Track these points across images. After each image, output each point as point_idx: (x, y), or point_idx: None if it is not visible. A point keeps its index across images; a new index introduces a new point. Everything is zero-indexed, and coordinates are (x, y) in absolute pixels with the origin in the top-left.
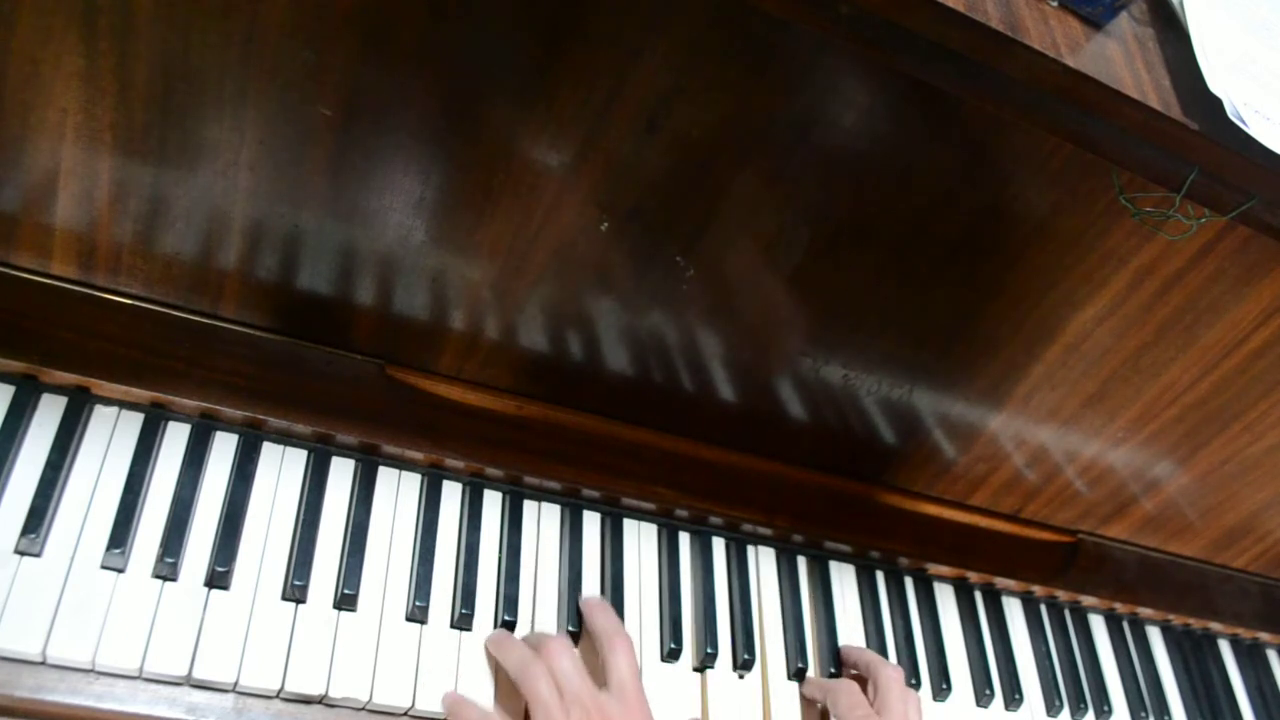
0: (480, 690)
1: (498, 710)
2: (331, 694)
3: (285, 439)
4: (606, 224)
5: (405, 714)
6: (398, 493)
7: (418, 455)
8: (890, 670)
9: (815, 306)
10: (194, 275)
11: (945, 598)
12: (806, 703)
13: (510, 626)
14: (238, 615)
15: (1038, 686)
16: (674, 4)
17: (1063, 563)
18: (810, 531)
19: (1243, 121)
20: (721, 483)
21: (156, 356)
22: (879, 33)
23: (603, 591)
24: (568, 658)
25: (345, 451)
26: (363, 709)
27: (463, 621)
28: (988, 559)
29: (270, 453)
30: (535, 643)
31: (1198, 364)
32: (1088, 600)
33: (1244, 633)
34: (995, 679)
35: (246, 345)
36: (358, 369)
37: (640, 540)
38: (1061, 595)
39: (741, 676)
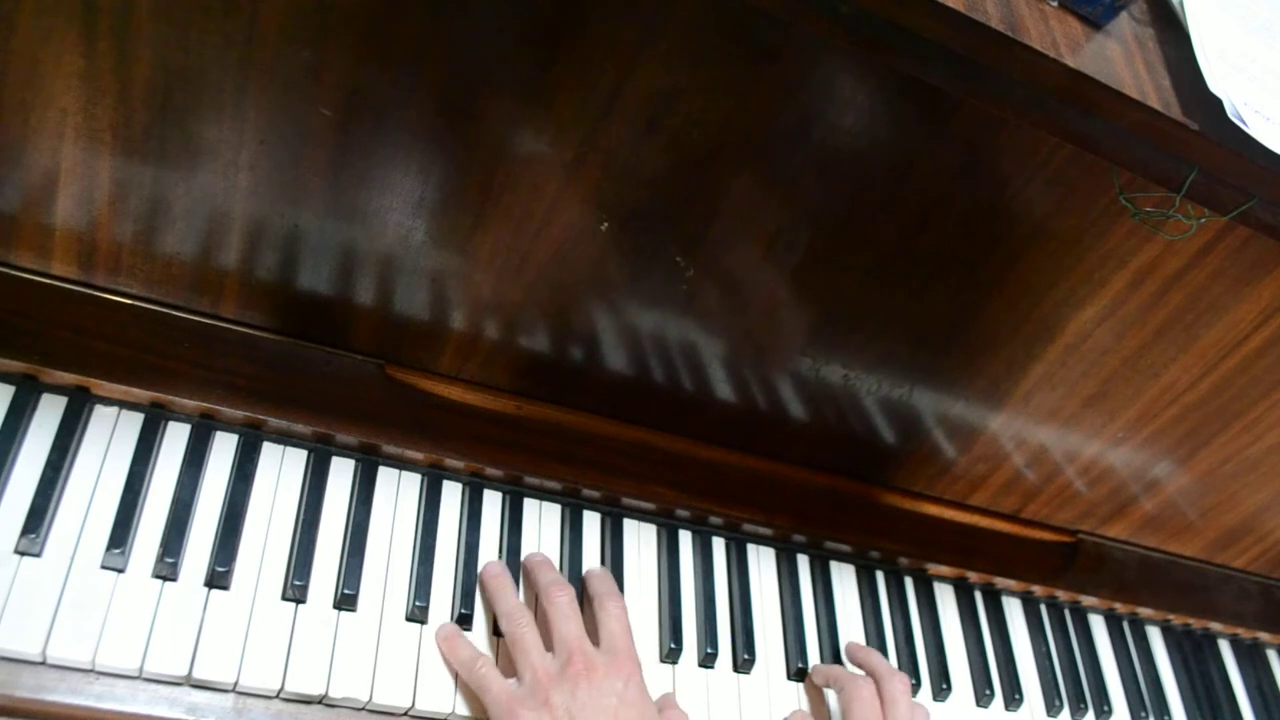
0: None
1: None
2: (331, 694)
3: (285, 439)
4: (606, 224)
5: (405, 714)
6: (398, 493)
7: (418, 455)
8: (898, 683)
9: (815, 307)
10: (194, 275)
11: (945, 598)
12: (808, 700)
13: None
14: (238, 615)
15: (1038, 686)
16: (674, 4)
17: (1063, 563)
18: (810, 531)
19: (1243, 121)
20: (721, 483)
21: (156, 356)
22: (879, 33)
23: None
24: (567, 599)
25: (345, 451)
26: (363, 709)
27: (463, 621)
28: (988, 559)
29: (270, 453)
30: (539, 585)
31: (1198, 364)
32: (1088, 600)
33: (1244, 633)
34: (995, 679)
35: (246, 345)
36: (358, 369)
37: (640, 540)
38: (1061, 595)
39: (741, 676)
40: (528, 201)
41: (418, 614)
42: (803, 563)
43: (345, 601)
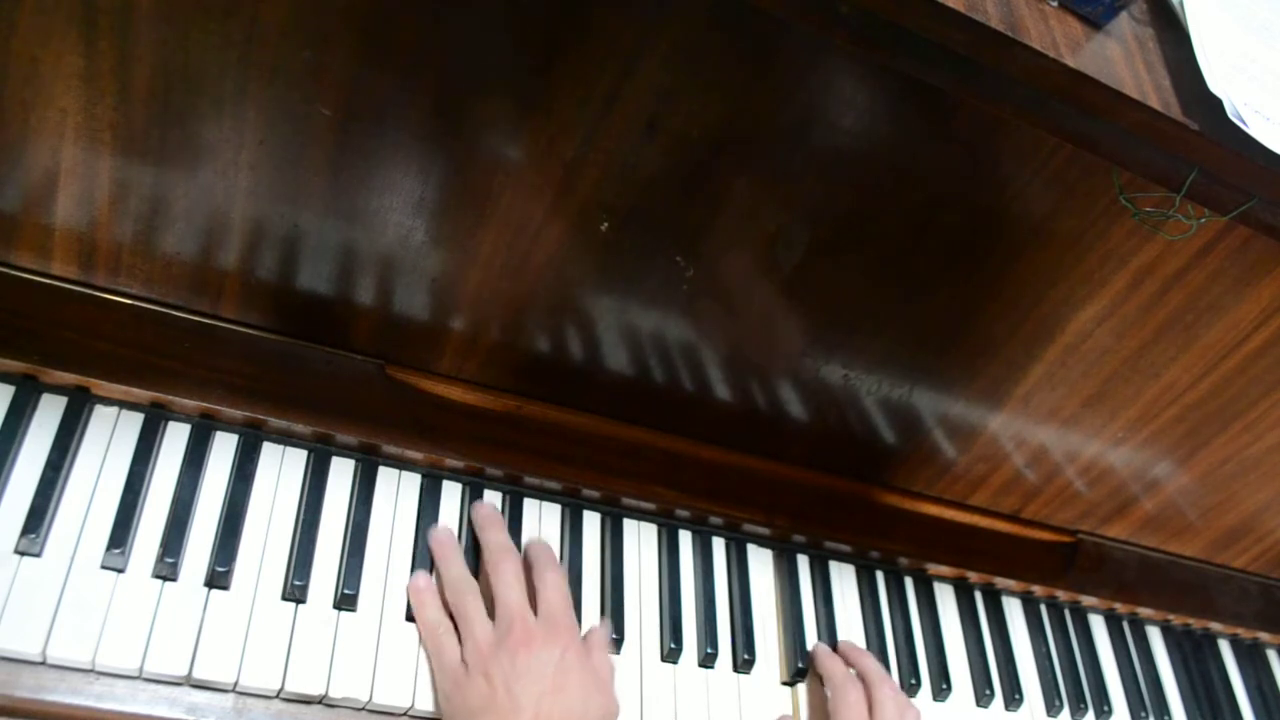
0: None
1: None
2: (331, 694)
3: (285, 439)
4: (606, 224)
5: (405, 714)
6: (398, 493)
7: (418, 455)
8: (886, 688)
9: (815, 307)
10: (194, 275)
11: (945, 598)
12: (808, 700)
13: None
14: (238, 615)
15: (1038, 686)
16: (674, 4)
17: (1063, 563)
18: (810, 531)
19: (1243, 121)
20: (721, 483)
21: (156, 356)
22: (879, 33)
23: (603, 591)
24: (512, 567)
25: (345, 451)
26: (363, 709)
27: None
28: (988, 559)
29: (270, 453)
30: (487, 549)
31: (1198, 364)
32: (1088, 600)
33: (1244, 633)
34: (995, 679)
35: (246, 345)
36: (358, 369)
37: (640, 540)
38: (1061, 595)
39: (741, 676)
40: (528, 201)
41: None
42: (802, 563)
43: (345, 601)
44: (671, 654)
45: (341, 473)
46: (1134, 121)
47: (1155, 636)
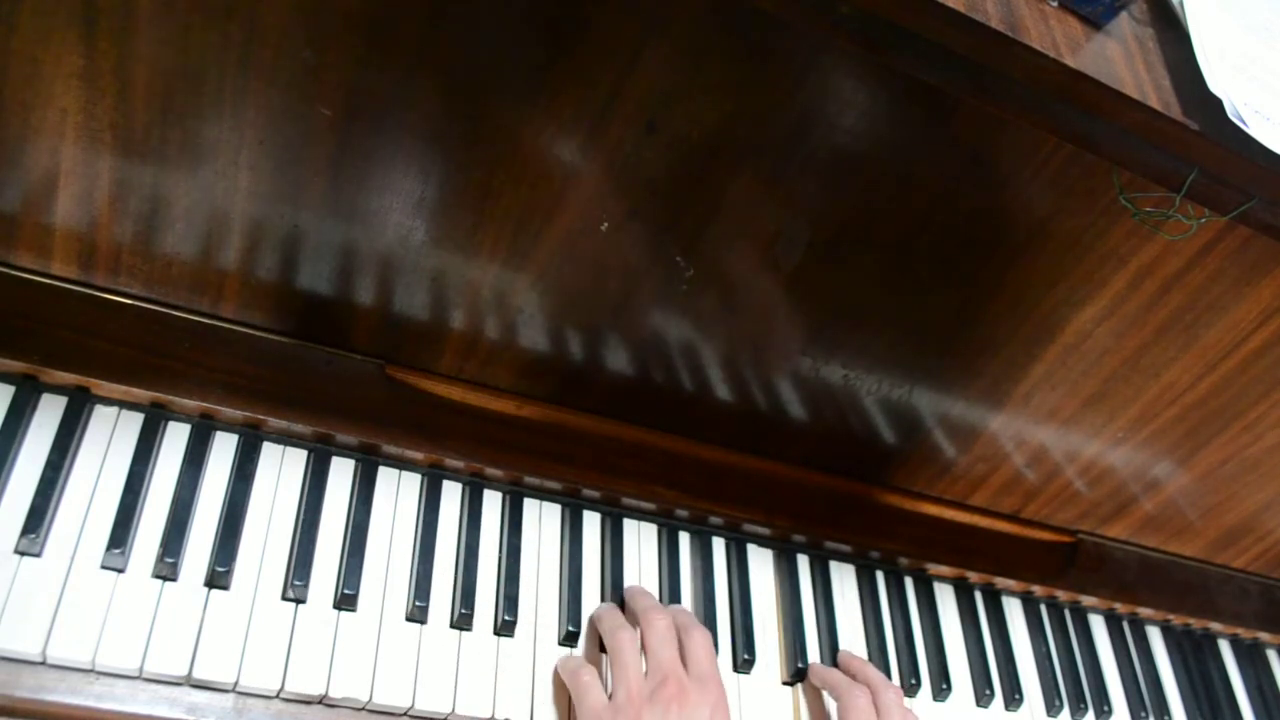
0: (480, 692)
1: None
2: (331, 694)
3: (285, 439)
4: (606, 224)
5: (405, 714)
6: (398, 493)
7: (418, 455)
8: (892, 694)
9: (815, 306)
10: (194, 275)
11: (945, 598)
12: (807, 701)
13: (510, 627)
14: (238, 615)
15: (1038, 686)
16: (674, 4)
17: (1063, 563)
18: (810, 531)
19: (1243, 121)
20: (721, 483)
21: (156, 356)
22: (879, 33)
23: (603, 591)
24: (666, 624)
25: (345, 451)
26: (363, 709)
27: (462, 621)
28: (988, 559)
29: (270, 453)
30: (638, 608)
31: (1198, 364)
32: (1088, 600)
33: (1244, 633)
34: (995, 679)
35: (246, 345)
36: (358, 369)
37: (640, 540)
38: (1061, 595)
39: (741, 676)
40: (527, 201)
41: (418, 614)
42: (802, 563)
43: (345, 601)
44: None
45: (341, 473)
46: (1134, 121)
47: (1155, 636)
